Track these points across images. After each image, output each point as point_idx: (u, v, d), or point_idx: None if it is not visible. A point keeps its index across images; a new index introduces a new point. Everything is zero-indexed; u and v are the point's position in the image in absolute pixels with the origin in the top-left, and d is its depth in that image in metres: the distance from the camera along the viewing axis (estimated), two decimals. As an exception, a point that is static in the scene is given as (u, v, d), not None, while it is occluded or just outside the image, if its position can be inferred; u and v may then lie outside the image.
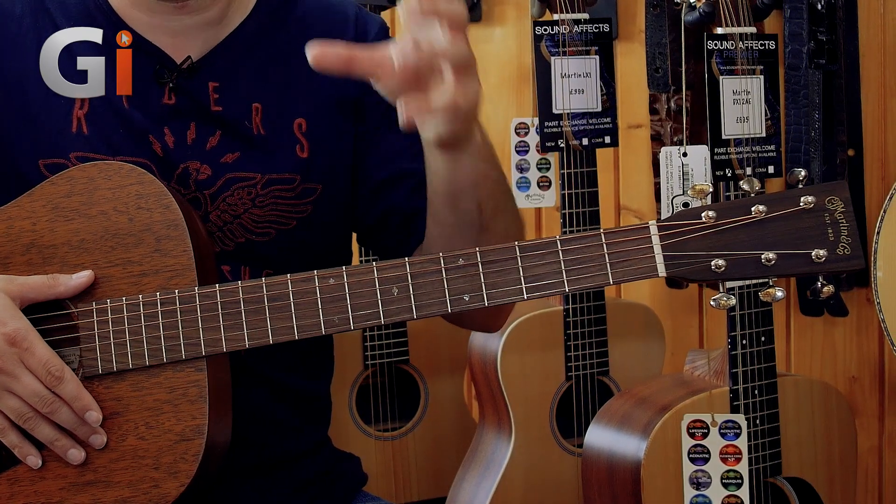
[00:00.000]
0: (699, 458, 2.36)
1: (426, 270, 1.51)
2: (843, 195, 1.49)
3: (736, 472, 2.36)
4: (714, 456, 2.35)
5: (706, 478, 2.36)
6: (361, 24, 1.78)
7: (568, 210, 2.74)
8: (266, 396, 1.73)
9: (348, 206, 1.77)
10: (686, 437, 2.34)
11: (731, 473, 2.37)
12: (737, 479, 2.37)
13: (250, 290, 1.53)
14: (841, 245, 1.48)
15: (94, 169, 1.59)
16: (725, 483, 2.37)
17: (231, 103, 1.70)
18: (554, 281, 1.50)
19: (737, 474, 2.37)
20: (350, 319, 1.52)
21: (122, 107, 1.67)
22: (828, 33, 2.89)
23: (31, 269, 1.57)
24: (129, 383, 1.55)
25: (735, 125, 2.38)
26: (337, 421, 2.91)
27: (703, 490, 2.36)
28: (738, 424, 2.36)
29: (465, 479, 2.85)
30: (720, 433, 2.36)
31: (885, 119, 3.10)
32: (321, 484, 1.82)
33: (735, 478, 2.37)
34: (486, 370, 2.80)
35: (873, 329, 3.16)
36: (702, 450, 2.36)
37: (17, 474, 1.56)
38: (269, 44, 1.74)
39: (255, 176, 1.69)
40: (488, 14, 3.28)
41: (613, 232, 1.49)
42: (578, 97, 2.74)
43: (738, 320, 2.39)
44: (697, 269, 1.48)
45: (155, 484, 1.54)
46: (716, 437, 2.35)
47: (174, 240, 1.56)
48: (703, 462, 2.36)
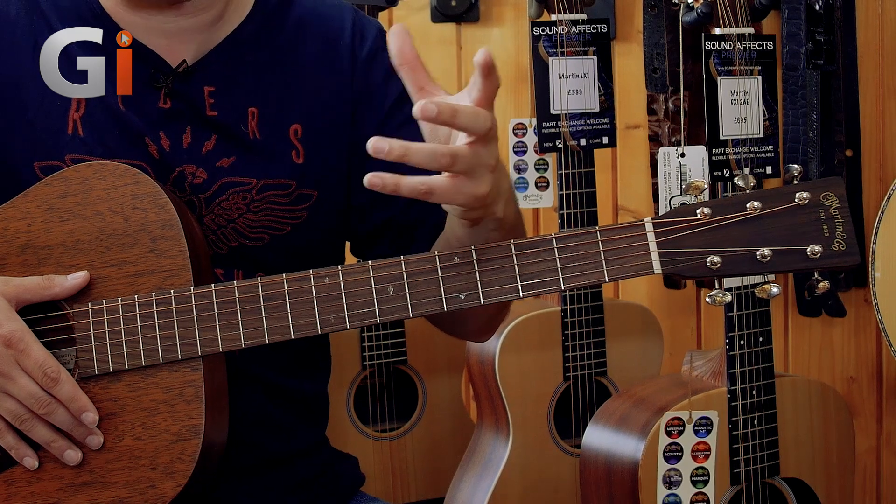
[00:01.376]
0: (672, 456, 2.36)
1: (422, 269, 1.51)
2: (839, 191, 1.49)
3: (704, 469, 2.36)
4: (686, 453, 2.35)
5: (677, 476, 2.36)
6: (359, 29, 1.77)
7: (566, 210, 2.74)
8: (262, 398, 1.73)
9: (343, 213, 1.76)
10: (663, 436, 2.34)
11: (700, 470, 2.37)
12: (704, 476, 2.37)
13: (246, 289, 1.53)
14: (836, 241, 1.48)
15: (88, 169, 1.58)
16: (694, 480, 2.37)
17: (226, 108, 1.69)
18: (549, 278, 1.49)
19: (705, 471, 2.36)
20: (346, 318, 1.52)
21: (118, 109, 1.67)
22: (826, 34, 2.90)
23: (26, 269, 1.57)
24: (125, 384, 1.55)
25: (733, 126, 2.38)
26: (335, 421, 2.90)
27: (674, 489, 2.36)
28: (710, 421, 2.36)
29: (462, 480, 2.85)
30: (693, 430, 2.35)
31: (882, 120, 3.10)
32: (319, 484, 1.82)
33: (703, 475, 2.37)
34: (484, 370, 2.80)
35: (871, 329, 3.17)
36: (676, 448, 2.36)
37: (14, 475, 1.56)
38: (266, 48, 1.73)
39: (251, 181, 1.69)
40: (486, 14, 3.28)
41: (609, 229, 1.49)
42: (576, 98, 2.74)
43: (736, 321, 2.38)
44: (693, 266, 1.48)
45: (152, 484, 1.54)
46: (689, 435, 2.35)
47: (169, 240, 1.56)
48: (676, 460, 2.36)
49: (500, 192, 1.49)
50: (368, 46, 1.77)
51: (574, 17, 2.74)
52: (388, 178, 1.39)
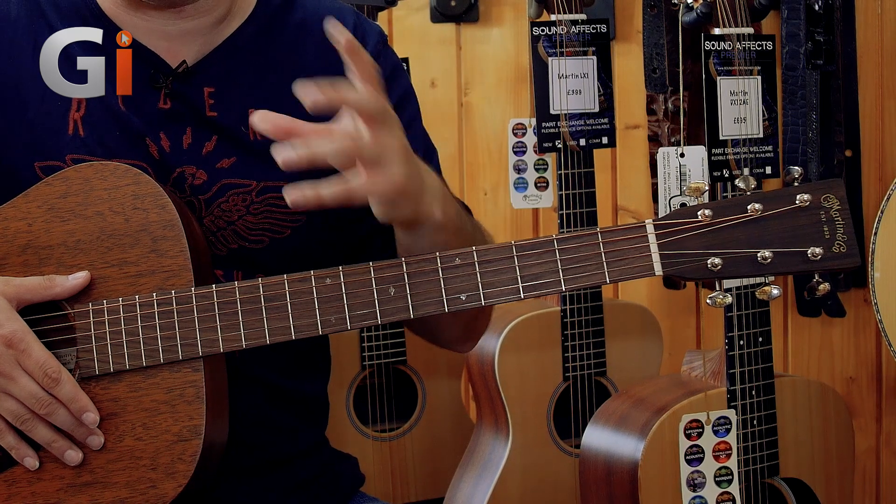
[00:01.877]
0: (695, 458, 2.36)
1: (423, 270, 1.51)
2: (839, 193, 1.49)
3: (727, 469, 2.37)
4: (707, 454, 2.36)
5: (701, 478, 2.36)
6: (360, 34, 1.77)
7: (565, 211, 2.74)
8: (262, 398, 1.73)
9: (342, 217, 1.76)
10: (683, 439, 2.34)
11: (723, 470, 2.37)
12: (727, 475, 2.37)
13: (247, 290, 1.53)
14: (837, 243, 1.48)
15: (89, 169, 1.58)
16: (718, 481, 2.37)
17: (226, 109, 1.69)
18: (550, 280, 1.50)
19: (728, 471, 2.37)
20: (347, 319, 1.52)
21: (118, 110, 1.67)
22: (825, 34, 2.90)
23: (27, 270, 1.57)
24: (126, 384, 1.55)
25: (732, 126, 2.38)
26: (334, 421, 2.90)
27: (699, 491, 2.36)
28: (728, 420, 2.36)
29: (462, 480, 2.85)
30: (713, 430, 2.36)
31: (882, 120, 3.10)
32: (318, 484, 1.82)
33: (726, 474, 2.37)
34: (483, 371, 2.80)
35: (871, 330, 3.17)
36: (697, 450, 2.36)
37: (15, 476, 1.56)
38: (267, 50, 1.73)
39: (251, 183, 1.69)
40: (486, 14, 3.28)
41: (610, 231, 1.49)
42: (576, 98, 2.74)
43: (736, 321, 2.39)
44: (694, 267, 1.48)
45: (152, 484, 1.54)
46: (709, 436, 2.35)
47: (170, 240, 1.56)
48: (699, 462, 2.36)
49: (425, 189, 1.51)
50: (370, 50, 1.76)
51: (573, 17, 2.74)
52: (308, 192, 1.42)
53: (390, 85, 1.72)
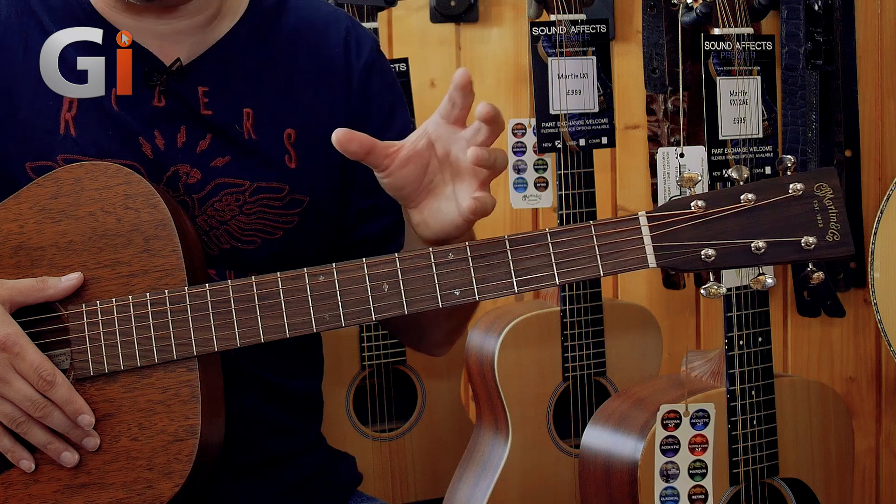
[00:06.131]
0: (670, 449, 2.35)
1: (416, 266, 1.51)
2: (832, 181, 1.48)
3: (702, 462, 2.36)
4: (683, 446, 2.35)
5: (675, 469, 2.35)
6: (353, 43, 1.77)
7: (565, 211, 2.74)
8: (257, 397, 1.73)
9: (334, 220, 1.76)
10: (660, 429, 2.34)
11: (698, 464, 2.36)
12: (702, 469, 2.36)
13: (240, 289, 1.53)
14: (830, 231, 1.47)
15: (80, 170, 1.58)
16: (692, 473, 2.36)
17: (221, 108, 1.69)
18: (544, 274, 1.49)
19: (703, 464, 2.36)
20: (341, 316, 1.52)
21: (111, 109, 1.67)
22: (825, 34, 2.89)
23: (19, 271, 1.57)
24: (120, 385, 1.55)
25: (732, 126, 2.37)
26: (334, 421, 2.91)
27: (671, 482, 2.35)
28: (707, 413, 2.35)
29: (462, 480, 2.85)
30: (690, 422, 2.35)
31: (881, 120, 3.10)
32: (316, 483, 1.82)
33: (701, 468, 2.36)
34: (483, 371, 2.80)
35: (870, 330, 3.16)
36: (673, 441, 2.35)
37: (11, 478, 1.56)
38: (261, 50, 1.73)
39: (245, 183, 1.69)
40: (485, 14, 3.28)
41: (603, 223, 1.49)
42: (575, 98, 2.74)
43: (735, 321, 2.38)
44: (687, 259, 1.48)
45: (149, 485, 1.54)
46: (686, 427, 2.35)
47: (163, 239, 1.55)
48: (673, 453, 2.35)
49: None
50: (365, 59, 1.77)
51: (573, 17, 2.73)
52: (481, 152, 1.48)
53: (385, 93, 1.74)
